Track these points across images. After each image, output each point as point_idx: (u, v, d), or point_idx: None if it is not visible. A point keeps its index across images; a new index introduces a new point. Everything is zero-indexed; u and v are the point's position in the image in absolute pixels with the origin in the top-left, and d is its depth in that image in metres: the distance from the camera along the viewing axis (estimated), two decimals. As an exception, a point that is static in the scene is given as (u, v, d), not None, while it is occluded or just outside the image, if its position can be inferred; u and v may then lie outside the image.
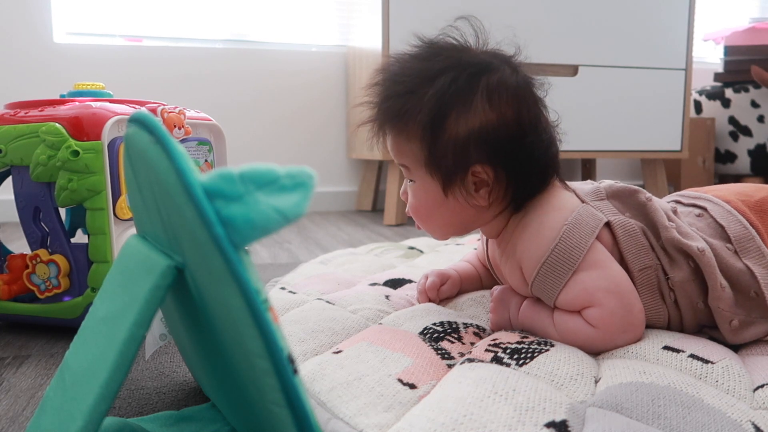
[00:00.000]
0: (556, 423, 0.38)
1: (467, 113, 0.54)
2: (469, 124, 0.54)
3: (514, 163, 0.55)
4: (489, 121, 0.54)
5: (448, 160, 0.55)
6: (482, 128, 0.54)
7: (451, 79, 0.54)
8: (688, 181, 2.27)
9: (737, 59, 2.26)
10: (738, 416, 0.40)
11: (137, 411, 0.51)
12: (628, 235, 0.55)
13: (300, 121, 2.12)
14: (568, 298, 0.53)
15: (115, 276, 0.38)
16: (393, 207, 1.74)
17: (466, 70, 0.55)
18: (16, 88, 1.82)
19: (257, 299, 0.28)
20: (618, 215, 0.56)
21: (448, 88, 0.54)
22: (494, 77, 0.55)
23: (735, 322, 0.53)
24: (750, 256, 0.55)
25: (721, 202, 0.59)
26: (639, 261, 0.55)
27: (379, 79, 0.59)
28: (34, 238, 0.74)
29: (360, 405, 0.42)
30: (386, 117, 0.58)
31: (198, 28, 2.06)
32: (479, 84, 0.54)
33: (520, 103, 0.55)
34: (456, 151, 0.54)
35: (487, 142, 0.54)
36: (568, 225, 0.54)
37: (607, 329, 0.51)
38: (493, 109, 0.54)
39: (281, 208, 0.28)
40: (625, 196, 0.58)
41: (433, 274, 0.69)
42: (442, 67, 0.55)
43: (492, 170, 0.55)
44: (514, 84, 0.55)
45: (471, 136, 0.54)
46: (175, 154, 0.30)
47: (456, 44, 0.58)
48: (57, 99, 0.76)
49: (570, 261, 0.53)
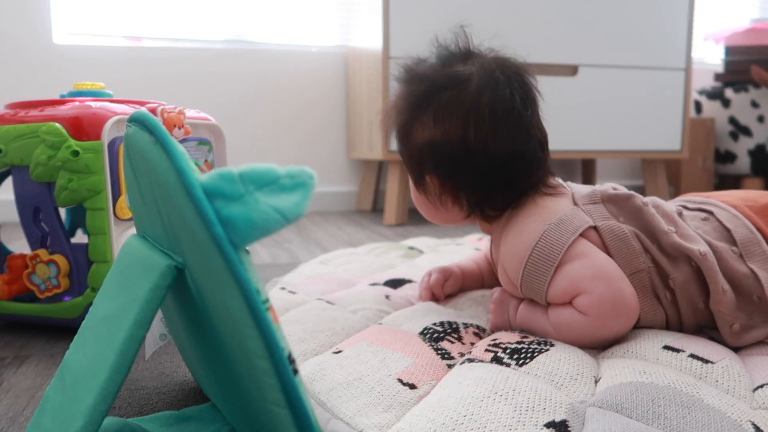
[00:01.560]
0: (556, 423, 0.38)
1: (422, 126, 0.60)
2: (421, 136, 0.60)
3: (462, 176, 0.59)
4: (434, 137, 0.59)
5: (410, 164, 0.63)
6: (430, 142, 0.60)
7: (414, 91, 0.60)
8: (688, 181, 2.27)
9: (737, 59, 2.25)
10: (738, 416, 0.40)
11: (137, 411, 0.51)
12: (618, 239, 0.55)
13: (300, 121, 2.12)
14: (557, 292, 0.54)
15: (115, 276, 0.38)
16: (393, 207, 1.74)
17: (427, 85, 0.60)
18: (16, 88, 1.82)
19: (257, 299, 0.28)
20: (608, 220, 0.56)
21: (411, 100, 0.61)
22: (447, 95, 0.58)
23: (736, 326, 0.53)
24: (755, 260, 0.55)
25: (727, 206, 0.60)
26: (630, 265, 0.55)
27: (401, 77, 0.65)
28: (34, 238, 0.74)
29: (360, 405, 0.42)
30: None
31: (198, 28, 2.06)
32: (433, 100, 0.59)
33: (466, 124, 0.58)
34: (413, 158, 0.62)
35: (434, 155, 0.60)
36: (550, 224, 0.55)
37: (599, 315, 0.52)
38: (436, 126, 0.59)
39: (281, 208, 0.28)
40: (620, 200, 0.58)
41: (436, 271, 0.70)
42: (420, 77, 0.61)
43: (437, 180, 0.61)
44: (468, 104, 0.58)
45: (423, 147, 0.60)
46: (175, 154, 0.30)
47: (445, 52, 0.62)
48: (57, 99, 0.76)
49: (551, 257, 0.54)
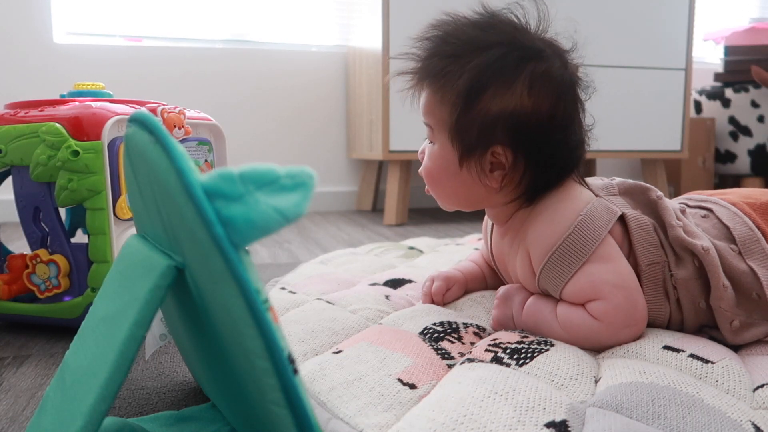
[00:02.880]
0: (556, 423, 0.38)
1: (504, 93, 0.54)
2: (503, 104, 0.54)
3: (537, 155, 0.55)
4: (523, 107, 0.54)
5: (473, 133, 0.55)
6: (514, 112, 0.54)
7: (500, 55, 0.54)
8: (688, 181, 2.27)
9: (737, 59, 2.26)
10: (738, 416, 0.40)
11: (137, 411, 0.51)
12: (642, 229, 0.55)
13: (300, 121, 2.12)
14: (574, 290, 0.53)
15: (115, 276, 0.38)
16: (393, 207, 1.74)
17: (517, 51, 0.54)
18: (16, 88, 1.82)
19: (257, 299, 0.28)
20: (632, 210, 0.57)
21: (493, 63, 0.53)
22: (541, 66, 0.54)
23: (736, 323, 0.54)
24: (754, 257, 0.55)
25: (727, 204, 0.60)
26: (648, 256, 0.55)
27: (430, 35, 0.58)
28: (34, 238, 0.74)
29: (360, 405, 0.42)
30: (426, 73, 0.57)
31: (198, 28, 2.06)
32: (525, 68, 0.54)
33: (558, 99, 0.55)
34: (483, 126, 0.54)
35: (515, 127, 0.54)
36: (583, 216, 0.54)
37: (611, 323, 0.52)
38: (530, 96, 0.54)
39: (281, 208, 0.28)
40: (636, 193, 0.58)
41: (439, 278, 0.68)
42: (494, 41, 0.54)
43: (512, 155, 0.55)
44: (559, 78, 0.55)
45: (501, 117, 0.54)
46: (175, 154, 0.30)
47: (515, 22, 0.57)
48: (57, 99, 0.76)
49: (581, 252, 0.53)
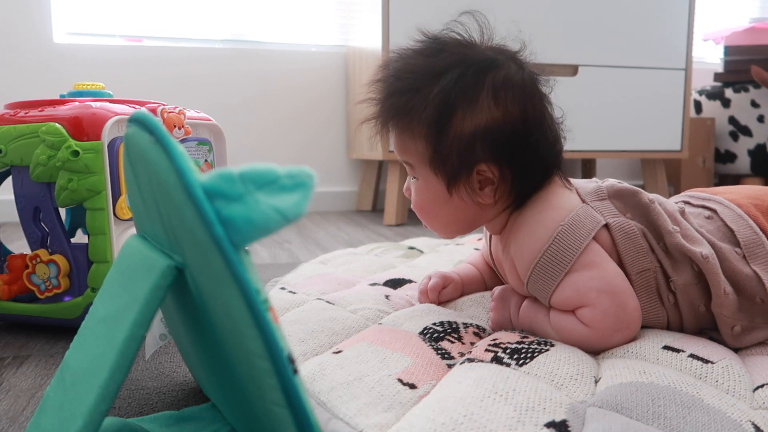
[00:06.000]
0: (556, 423, 0.38)
1: (473, 111, 0.53)
2: (474, 122, 0.53)
3: (520, 161, 0.55)
4: (495, 119, 0.53)
5: (453, 159, 0.54)
6: (488, 126, 0.53)
7: (458, 77, 0.53)
8: (688, 181, 2.27)
9: (737, 59, 2.26)
10: (738, 416, 0.40)
11: (137, 411, 0.51)
12: (627, 237, 0.54)
13: (300, 121, 2.12)
14: (561, 299, 0.53)
15: (115, 276, 0.38)
16: (393, 207, 1.74)
17: (472, 67, 0.54)
18: (16, 88, 1.82)
19: (257, 299, 0.28)
20: (618, 216, 0.55)
21: (454, 86, 0.53)
22: (500, 74, 0.54)
23: (737, 328, 0.53)
24: (759, 261, 0.54)
25: (732, 205, 0.58)
26: (637, 264, 0.54)
27: (382, 76, 0.58)
28: (34, 238, 0.74)
29: (360, 405, 0.42)
30: (390, 114, 0.57)
31: (198, 28, 2.06)
32: (485, 81, 0.54)
33: (525, 101, 0.55)
34: (461, 149, 0.54)
35: (492, 141, 0.54)
36: (564, 225, 0.54)
37: (600, 328, 0.51)
38: (498, 106, 0.53)
39: (281, 208, 0.28)
40: (626, 196, 0.57)
41: (437, 276, 0.68)
42: (447, 64, 0.54)
43: (497, 168, 0.55)
44: (520, 81, 0.55)
45: (477, 135, 0.53)
46: (175, 154, 0.30)
47: (460, 40, 0.57)
48: (57, 99, 0.76)
49: (562, 262, 0.53)
